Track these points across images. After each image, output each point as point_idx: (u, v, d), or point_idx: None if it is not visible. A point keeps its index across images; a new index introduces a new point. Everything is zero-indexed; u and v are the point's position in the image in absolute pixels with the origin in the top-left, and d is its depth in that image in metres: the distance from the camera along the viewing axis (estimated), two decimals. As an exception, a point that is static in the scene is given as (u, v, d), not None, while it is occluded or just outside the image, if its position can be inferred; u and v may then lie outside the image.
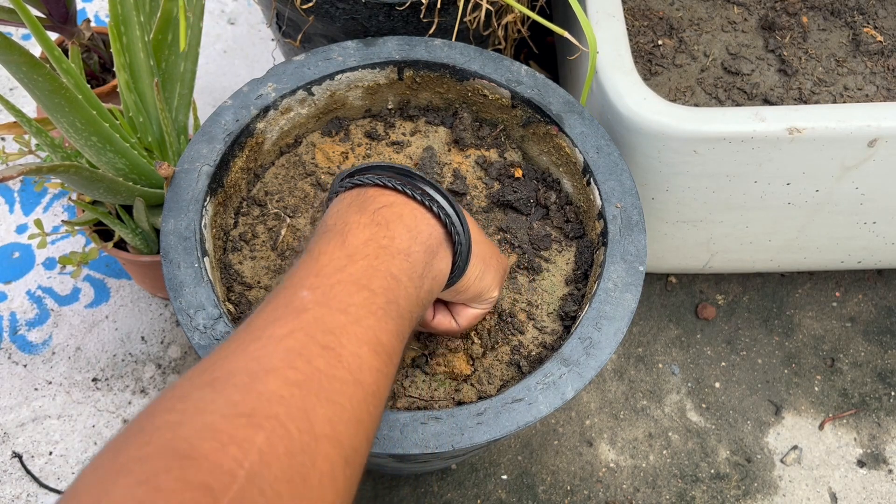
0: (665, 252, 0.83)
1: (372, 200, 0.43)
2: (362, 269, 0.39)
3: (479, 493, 0.82)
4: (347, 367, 0.34)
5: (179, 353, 0.88)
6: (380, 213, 0.42)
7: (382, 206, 0.42)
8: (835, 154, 0.66)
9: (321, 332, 0.35)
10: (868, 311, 0.95)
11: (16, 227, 0.96)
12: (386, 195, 0.43)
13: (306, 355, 0.34)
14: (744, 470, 0.85)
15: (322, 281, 0.38)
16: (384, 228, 0.41)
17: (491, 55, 0.65)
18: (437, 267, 0.43)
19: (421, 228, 0.43)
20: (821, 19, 0.79)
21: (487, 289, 0.50)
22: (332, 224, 0.42)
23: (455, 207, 0.44)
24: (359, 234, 0.40)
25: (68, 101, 0.55)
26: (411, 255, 0.41)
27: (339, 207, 0.43)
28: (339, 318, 0.36)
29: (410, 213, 0.43)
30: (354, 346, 0.35)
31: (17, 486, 0.80)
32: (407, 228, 0.42)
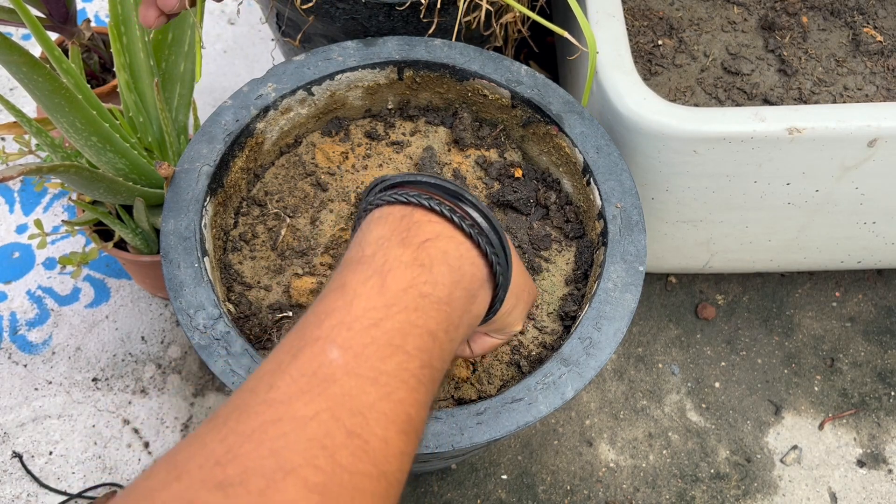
0: (665, 252, 0.83)
1: (417, 229, 0.39)
2: (399, 325, 0.35)
3: (479, 493, 0.82)
4: (373, 460, 0.32)
5: (179, 353, 0.88)
6: (424, 250, 0.38)
7: (427, 238, 0.38)
8: (835, 154, 0.66)
9: (348, 412, 0.32)
10: (868, 311, 0.95)
11: (16, 227, 0.96)
12: (432, 223, 0.39)
13: (330, 447, 0.31)
14: (744, 470, 0.85)
15: (354, 339, 0.34)
16: (427, 272, 0.37)
17: (491, 55, 0.65)
18: (474, 312, 0.41)
19: (465, 269, 0.39)
20: (821, 19, 0.79)
21: (513, 323, 0.48)
22: (371, 255, 0.38)
23: (500, 235, 0.41)
24: (400, 276, 0.37)
25: (68, 101, 0.55)
26: (452, 303, 0.38)
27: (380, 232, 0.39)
28: (369, 391, 0.33)
29: (456, 250, 0.39)
30: (382, 429, 0.33)
31: (18, 486, 0.80)
32: (451, 270, 0.38)
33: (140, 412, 0.84)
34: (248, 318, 0.56)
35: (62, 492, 0.80)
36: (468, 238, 0.40)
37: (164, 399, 0.85)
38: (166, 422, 0.84)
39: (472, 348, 0.51)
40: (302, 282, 0.57)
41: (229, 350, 0.50)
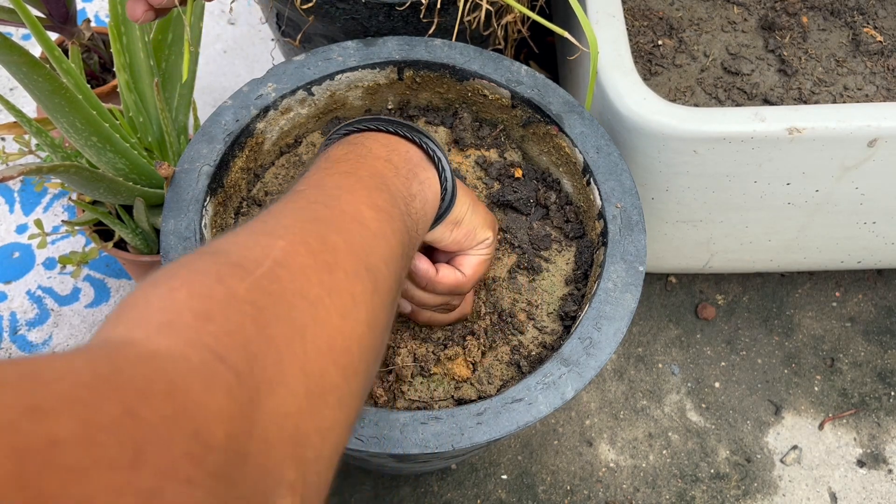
0: (665, 252, 0.83)
1: (351, 138, 0.47)
2: (348, 165, 0.42)
3: (479, 493, 0.82)
4: (350, 215, 0.37)
5: (179, 353, 0.88)
6: (356, 139, 0.46)
7: (360, 140, 0.46)
8: (835, 154, 0.66)
9: (323, 198, 0.38)
10: (868, 311, 0.95)
11: (16, 227, 0.96)
12: (363, 134, 0.47)
13: (311, 210, 0.37)
14: (744, 470, 0.85)
15: (311, 180, 0.41)
16: (360, 146, 0.45)
17: (491, 55, 0.65)
18: (421, 176, 0.46)
19: (395, 146, 0.46)
20: (821, 19, 0.79)
21: (479, 226, 0.52)
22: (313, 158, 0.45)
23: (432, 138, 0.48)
24: (338, 150, 0.44)
25: (68, 102, 0.55)
26: (391, 160, 0.44)
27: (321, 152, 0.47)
28: (333, 192, 0.39)
29: (385, 138, 0.47)
30: (352, 205, 0.38)
31: (17, 486, 0.80)
32: (382, 144, 0.45)
33: (140, 412, 0.84)
34: (248, 318, 0.56)
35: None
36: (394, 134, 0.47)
37: (164, 399, 0.85)
38: (166, 422, 0.84)
39: (463, 271, 0.53)
40: (302, 282, 0.57)
41: (229, 350, 0.50)
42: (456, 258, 0.53)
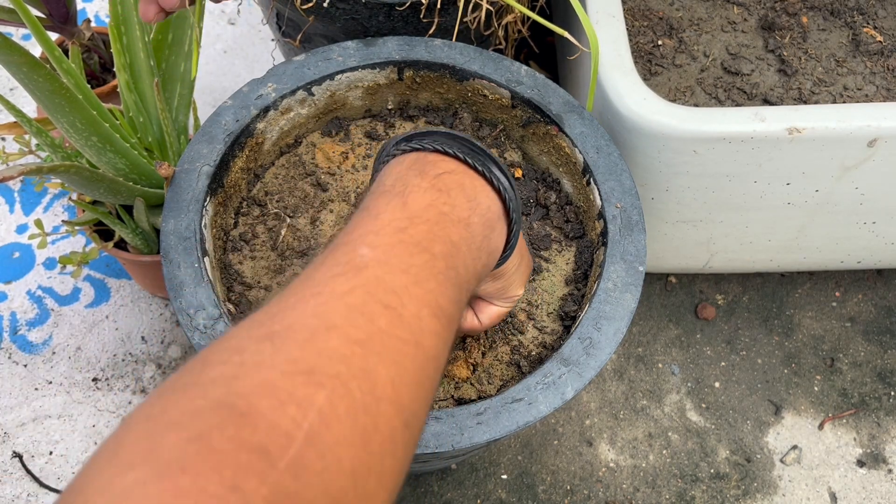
0: (665, 252, 0.83)
1: (433, 165, 0.41)
2: (423, 232, 0.37)
3: (479, 493, 0.82)
4: (409, 329, 0.33)
5: (180, 353, 0.88)
6: (440, 179, 0.40)
7: (443, 172, 0.41)
8: (835, 154, 0.66)
9: (382, 291, 0.34)
10: (868, 311, 0.95)
11: (16, 227, 0.96)
12: (447, 162, 0.42)
13: (368, 314, 0.32)
14: (743, 470, 0.85)
15: (382, 240, 0.36)
16: (445, 195, 0.40)
17: (491, 55, 0.65)
18: (493, 242, 0.43)
19: (480, 200, 0.41)
20: (821, 19, 0.79)
21: (517, 283, 0.50)
22: (391, 185, 0.40)
23: (512, 184, 0.44)
24: (419, 197, 0.39)
25: (68, 102, 0.55)
26: (471, 225, 0.40)
27: (397, 169, 0.41)
28: (400, 278, 0.35)
29: (471, 184, 0.41)
30: (415, 307, 0.34)
31: (18, 486, 0.80)
32: (467, 198, 0.41)
33: (140, 412, 0.84)
34: (249, 318, 0.56)
35: (63, 491, 0.80)
36: (482, 175, 0.42)
37: (165, 399, 0.85)
38: (166, 422, 0.84)
39: (480, 318, 0.52)
40: (302, 282, 0.57)
41: (229, 350, 0.50)
42: (477, 302, 0.51)
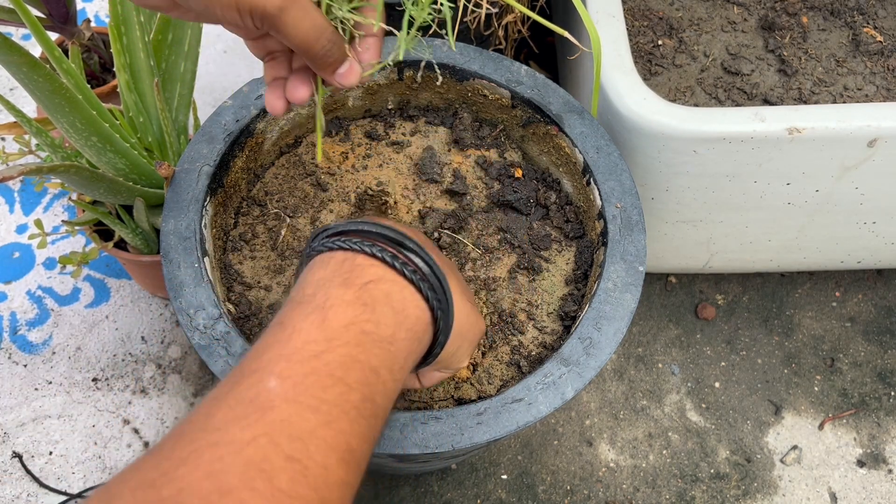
0: (665, 252, 0.83)
1: (360, 272, 0.38)
2: (340, 358, 0.35)
3: (479, 493, 0.82)
4: (313, 485, 0.31)
5: (179, 353, 0.88)
6: (366, 290, 0.37)
7: (370, 280, 0.38)
8: (835, 154, 0.66)
9: (287, 438, 0.31)
10: (868, 311, 0.95)
11: (16, 227, 0.96)
12: (375, 267, 0.39)
13: (268, 471, 0.30)
14: (743, 470, 0.85)
15: (294, 369, 0.33)
16: (369, 310, 0.37)
17: (491, 55, 0.65)
18: (420, 349, 0.41)
19: (408, 312, 0.39)
20: (821, 19, 0.79)
21: (458, 360, 0.48)
22: (311, 294, 0.37)
23: (441, 281, 0.41)
24: (341, 313, 0.36)
25: (68, 102, 0.55)
26: (395, 343, 0.37)
27: (321, 274, 0.38)
28: (308, 419, 0.32)
29: (399, 293, 0.39)
30: (322, 455, 0.32)
31: (17, 486, 0.80)
32: (394, 311, 0.38)
33: (140, 412, 0.84)
34: (248, 318, 0.56)
35: (62, 492, 0.80)
36: (410, 283, 0.39)
37: (164, 399, 0.85)
38: (166, 422, 0.84)
39: (421, 382, 0.50)
40: (302, 282, 0.57)
41: (229, 350, 0.50)
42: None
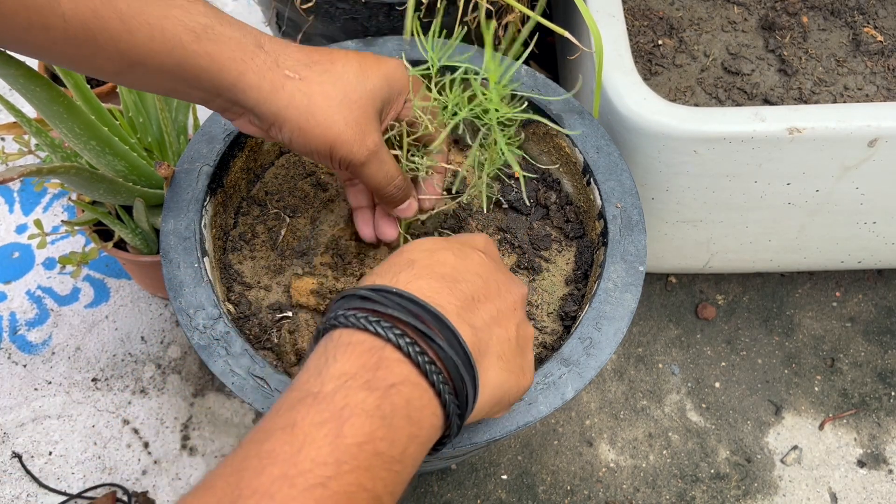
0: (665, 252, 0.83)
1: (386, 370, 0.35)
2: (347, 487, 0.32)
3: (479, 493, 0.82)
4: None
5: (179, 353, 0.88)
6: (388, 398, 0.35)
7: (393, 384, 0.35)
8: (835, 154, 0.66)
9: None
10: (868, 311, 0.95)
11: (15, 227, 0.96)
12: (402, 365, 0.36)
13: None
14: (744, 470, 0.85)
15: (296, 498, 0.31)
16: (387, 425, 0.34)
17: (491, 55, 0.65)
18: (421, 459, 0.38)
19: (424, 423, 0.36)
20: (821, 19, 0.79)
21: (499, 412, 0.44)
22: (331, 393, 0.34)
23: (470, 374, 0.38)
24: (358, 427, 0.33)
25: (66, 109, 0.55)
26: (403, 461, 0.35)
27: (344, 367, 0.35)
28: None
29: (419, 401, 0.36)
30: None
31: (17, 486, 0.80)
32: (409, 424, 0.35)
33: (140, 412, 0.84)
34: (248, 318, 0.56)
35: (62, 492, 0.80)
36: (432, 386, 0.37)
37: (164, 399, 0.85)
38: (166, 422, 0.84)
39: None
40: (302, 282, 0.57)
41: (229, 350, 0.50)
42: None
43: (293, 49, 0.46)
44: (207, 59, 0.43)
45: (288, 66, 0.45)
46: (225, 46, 0.43)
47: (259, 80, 0.44)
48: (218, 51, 0.43)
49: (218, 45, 0.43)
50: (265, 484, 0.31)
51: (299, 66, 0.45)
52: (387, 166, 0.50)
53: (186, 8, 0.43)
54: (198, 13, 0.43)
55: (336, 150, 0.47)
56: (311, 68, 0.46)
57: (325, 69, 0.46)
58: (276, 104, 0.45)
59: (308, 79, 0.45)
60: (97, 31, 0.41)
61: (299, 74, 0.45)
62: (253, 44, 0.44)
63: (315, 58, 0.47)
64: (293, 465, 0.32)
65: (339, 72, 0.47)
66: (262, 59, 0.44)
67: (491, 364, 0.41)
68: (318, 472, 0.32)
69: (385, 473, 0.34)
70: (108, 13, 0.40)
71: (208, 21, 0.43)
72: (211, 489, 0.32)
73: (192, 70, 0.43)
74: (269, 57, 0.45)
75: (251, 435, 0.34)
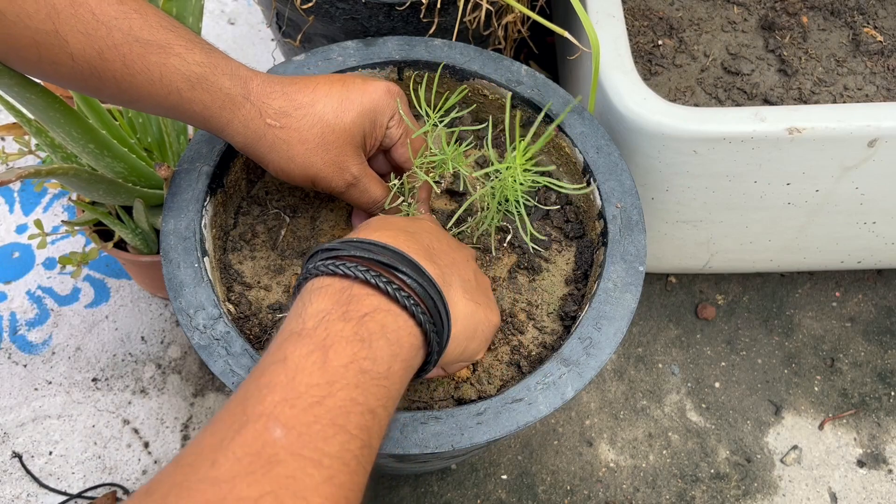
0: (665, 252, 0.83)
1: (357, 303, 0.40)
2: (341, 402, 0.36)
3: (479, 493, 0.82)
4: None
5: (179, 353, 0.88)
6: (363, 325, 0.39)
7: (367, 312, 0.40)
8: (835, 154, 0.66)
9: (292, 496, 0.32)
10: (868, 311, 0.95)
11: (16, 227, 0.96)
12: (372, 297, 0.40)
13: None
14: (744, 470, 0.85)
15: (298, 417, 0.35)
16: (367, 347, 0.38)
17: (491, 55, 0.65)
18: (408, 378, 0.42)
19: (403, 342, 0.40)
20: (821, 19, 0.79)
21: (471, 357, 0.50)
22: (312, 329, 0.38)
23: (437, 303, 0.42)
24: (341, 351, 0.37)
25: (63, 115, 0.55)
26: (390, 377, 0.39)
27: (321, 305, 0.40)
28: (312, 474, 0.33)
29: (394, 323, 0.40)
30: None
31: (17, 486, 0.80)
32: (389, 344, 0.39)
33: (140, 412, 0.84)
34: (248, 318, 0.56)
35: (62, 492, 0.80)
36: (404, 310, 0.41)
37: (164, 399, 0.85)
38: (166, 422, 0.84)
39: (444, 369, 0.52)
40: (302, 282, 0.57)
41: (229, 350, 0.50)
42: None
43: (277, 96, 0.50)
44: (200, 106, 0.48)
45: (270, 114, 0.49)
46: (216, 97, 0.48)
47: (244, 129, 0.49)
48: (210, 99, 0.48)
49: (210, 94, 0.47)
50: (269, 408, 0.34)
51: (280, 114, 0.50)
52: (369, 193, 0.55)
53: (184, 57, 0.47)
54: (194, 63, 0.47)
55: (317, 183, 0.53)
56: (291, 116, 0.50)
57: (305, 113, 0.50)
58: (259, 149, 0.51)
59: (288, 126, 0.50)
60: (102, 70, 0.45)
61: (280, 123, 0.49)
62: (241, 95, 0.49)
63: (297, 101, 0.50)
64: (290, 389, 0.35)
65: (319, 113, 0.51)
66: (247, 109, 0.49)
67: (457, 295, 0.45)
68: (313, 393, 0.35)
69: (375, 389, 0.38)
70: (112, 56, 0.45)
71: (202, 71, 0.47)
72: (220, 421, 0.35)
73: (187, 112, 0.48)
74: (254, 107, 0.49)
75: (247, 378, 0.37)
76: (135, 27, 0.45)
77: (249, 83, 0.49)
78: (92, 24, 0.44)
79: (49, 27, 0.43)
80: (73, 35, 0.43)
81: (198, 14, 0.65)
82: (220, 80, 0.48)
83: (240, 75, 0.49)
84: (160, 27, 0.46)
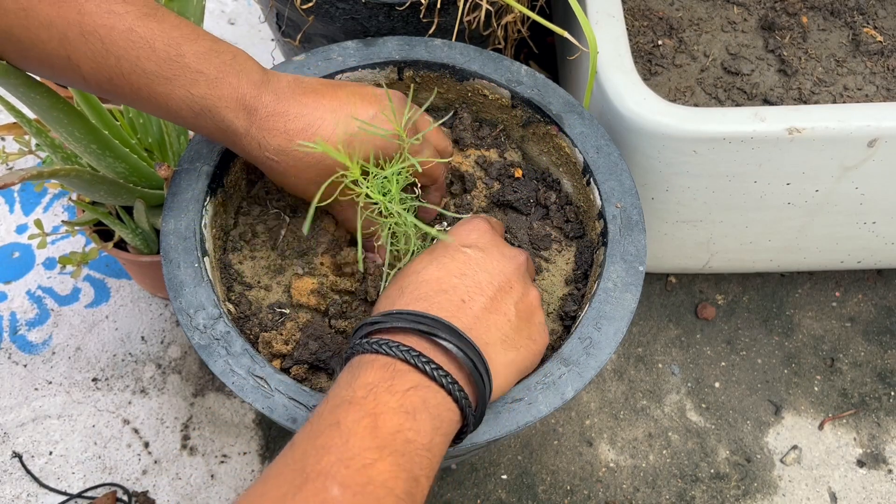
0: (665, 252, 0.83)
1: (401, 378, 0.43)
2: (390, 467, 0.39)
3: (479, 493, 0.82)
4: None
5: (179, 353, 0.88)
6: (407, 398, 0.42)
7: (410, 387, 0.42)
8: (835, 154, 0.66)
9: None
10: (868, 311, 0.95)
11: (16, 227, 0.96)
12: (413, 374, 0.43)
13: None
14: (743, 470, 0.85)
15: (353, 478, 0.37)
16: (411, 419, 0.41)
17: (491, 55, 0.65)
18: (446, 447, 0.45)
19: (443, 417, 0.43)
20: (821, 19, 0.79)
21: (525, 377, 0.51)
22: (363, 398, 0.41)
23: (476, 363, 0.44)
24: (389, 421, 0.40)
25: (66, 115, 0.55)
26: (432, 448, 0.42)
27: (368, 378, 0.43)
28: None
29: (434, 399, 0.43)
30: None
31: (17, 486, 0.80)
32: (431, 417, 0.42)
33: (140, 412, 0.84)
34: (248, 318, 0.56)
35: (62, 492, 0.80)
36: (443, 388, 0.43)
37: (164, 399, 0.85)
38: (166, 422, 0.84)
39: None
40: (302, 282, 0.57)
41: (229, 350, 0.50)
42: None
43: (277, 134, 0.51)
44: (206, 131, 0.52)
45: (270, 150, 0.51)
46: (220, 126, 0.51)
47: (245, 153, 0.53)
48: (214, 127, 0.51)
49: (214, 122, 0.50)
50: (325, 467, 0.38)
51: (279, 151, 0.52)
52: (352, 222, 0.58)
53: (188, 89, 0.49)
54: (199, 96, 0.49)
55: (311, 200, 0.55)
56: (289, 155, 0.52)
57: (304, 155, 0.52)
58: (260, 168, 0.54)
59: (286, 163, 0.52)
60: (112, 91, 0.49)
61: (278, 158, 0.52)
62: (243, 128, 0.51)
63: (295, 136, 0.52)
64: (344, 451, 0.38)
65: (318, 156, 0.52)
66: (247, 141, 0.51)
67: (496, 351, 0.47)
68: (366, 456, 0.38)
69: (419, 458, 0.41)
70: (121, 83, 0.48)
71: (207, 104, 0.49)
72: (278, 476, 0.38)
73: (194, 130, 0.53)
74: (254, 140, 0.51)
75: (299, 436, 0.40)
76: (142, 58, 0.47)
77: (254, 114, 0.51)
78: (102, 54, 0.46)
79: (62, 53, 0.46)
80: (85, 62, 0.47)
81: (199, 15, 0.65)
82: (222, 113, 0.50)
83: (245, 105, 0.51)
84: (167, 59, 0.48)
